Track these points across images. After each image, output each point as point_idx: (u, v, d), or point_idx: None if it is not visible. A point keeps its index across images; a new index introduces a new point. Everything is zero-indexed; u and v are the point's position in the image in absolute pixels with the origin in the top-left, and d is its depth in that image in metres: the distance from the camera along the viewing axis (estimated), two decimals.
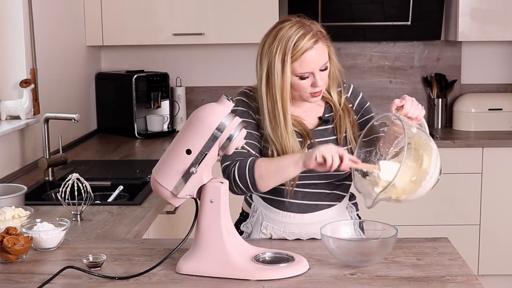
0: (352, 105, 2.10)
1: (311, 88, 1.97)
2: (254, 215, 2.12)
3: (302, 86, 1.96)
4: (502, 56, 4.37)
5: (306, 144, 2.02)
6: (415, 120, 1.92)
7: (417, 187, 1.80)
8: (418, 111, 1.91)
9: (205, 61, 4.39)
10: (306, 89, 1.97)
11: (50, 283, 1.66)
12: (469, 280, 1.67)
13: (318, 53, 1.93)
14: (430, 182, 1.81)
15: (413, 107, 1.90)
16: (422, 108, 1.94)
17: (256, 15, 3.92)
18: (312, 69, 1.94)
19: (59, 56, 3.66)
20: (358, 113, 2.10)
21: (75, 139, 3.86)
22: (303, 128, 2.04)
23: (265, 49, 1.96)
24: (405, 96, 1.92)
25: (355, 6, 4.12)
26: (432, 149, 1.82)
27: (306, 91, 1.98)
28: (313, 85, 1.96)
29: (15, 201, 2.20)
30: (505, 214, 3.91)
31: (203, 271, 1.71)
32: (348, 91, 2.12)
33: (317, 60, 1.94)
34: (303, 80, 1.95)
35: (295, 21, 1.96)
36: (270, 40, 1.95)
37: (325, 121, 2.07)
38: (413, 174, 1.80)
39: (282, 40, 1.92)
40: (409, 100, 1.91)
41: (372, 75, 4.42)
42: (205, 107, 1.68)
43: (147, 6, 4.00)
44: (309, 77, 1.95)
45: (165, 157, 1.70)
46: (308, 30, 1.93)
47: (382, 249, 1.76)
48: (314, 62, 1.93)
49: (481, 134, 4.05)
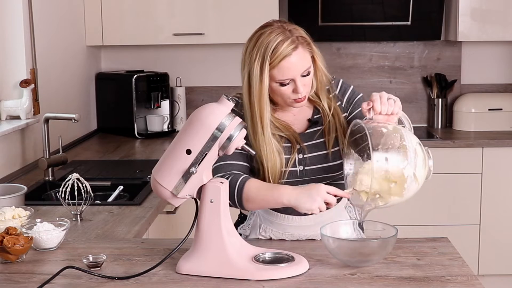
0: (341, 103, 2.06)
1: (293, 95, 1.93)
2: (252, 218, 2.12)
3: (284, 93, 1.93)
4: (502, 56, 4.37)
5: (295, 149, 2.00)
6: (391, 116, 1.84)
7: (401, 187, 1.75)
8: (390, 107, 1.83)
9: (205, 61, 4.39)
10: (288, 95, 1.94)
11: (50, 283, 1.66)
12: (469, 280, 1.67)
13: (298, 59, 1.89)
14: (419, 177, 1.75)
15: (383, 105, 1.83)
16: (394, 102, 1.84)
17: (256, 15, 3.91)
18: (292, 76, 1.90)
19: (59, 56, 3.67)
20: (346, 110, 2.06)
21: (75, 139, 3.86)
22: (291, 133, 2.01)
23: (246, 55, 1.93)
24: (372, 95, 1.86)
25: (355, 6, 4.12)
26: (407, 147, 1.74)
27: (289, 97, 1.94)
28: (294, 91, 1.93)
29: (15, 201, 2.20)
30: (505, 214, 3.91)
31: (203, 271, 1.71)
32: (336, 88, 2.07)
33: (297, 67, 1.90)
34: (283, 86, 1.92)
35: (276, 27, 1.91)
36: (250, 46, 1.92)
37: (314, 122, 2.04)
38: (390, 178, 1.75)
39: (261, 46, 1.89)
40: (376, 98, 1.84)
41: (372, 75, 4.42)
42: (205, 107, 1.68)
43: (147, 6, 4.00)
44: (290, 84, 1.92)
45: (165, 157, 1.70)
46: (288, 36, 1.89)
47: (382, 249, 1.76)
48: (293, 69, 1.89)
49: (481, 134, 4.05)
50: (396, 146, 1.74)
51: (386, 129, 1.78)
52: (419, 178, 1.76)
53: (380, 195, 1.76)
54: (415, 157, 1.75)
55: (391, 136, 1.76)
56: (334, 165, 2.02)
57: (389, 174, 1.74)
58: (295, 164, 2.00)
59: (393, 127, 1.80)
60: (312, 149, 2.01)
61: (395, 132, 1.78)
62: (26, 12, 3.18)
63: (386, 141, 1.75)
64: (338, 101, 2.06)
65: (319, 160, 2.01)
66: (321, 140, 2.03)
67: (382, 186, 1.75)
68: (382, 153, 1.74)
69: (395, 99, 1.86)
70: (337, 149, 2.02)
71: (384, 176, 1.74)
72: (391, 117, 1.85)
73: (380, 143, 1.75)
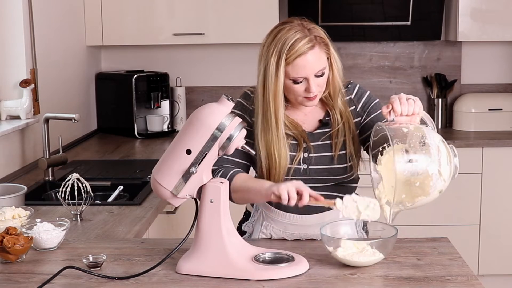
0: (355, 107, 2.06)
1: (305, 93, 1.94)
2: (256, 215, 2.12)
3: (296, 90, 1.94)
4: (502, 56, 4.37)
5: (301, 147, 2.00)
6: (413, 116, 1.81)
7: (427, 186, 1.72)
8: (410, 107, 1.81)
9: (205, 61, 4.39)
10: (300, 93, 1.95)
11: (50, 283, 1.66)
12: (469, 280, 1.67)
13: (313, 58, 1.90)
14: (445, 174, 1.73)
15: (403, 105, 1.80)
16: (414, 101, 1.81)
17: (256, 15, 3.92)
18: (306, 75, 1.91)
19: (59, 56, 3.66)
20: (361, 115, 2.05)
21: (75, 139, 3.86)
22: (298, 132, 2.02)
23: (264, 50, 1.94)
24: (391, 98, 1.83)
25: (355, 6, 4.12)
26: (429, 145, 1.72)
27: (300, 95, 1.95)
28: (306, 90, 1.93)
29: (15, 201, 2.20)
30: (505, 214, 3.91)
31: (203, 271, 1.71)
32: (352, 92, 2.07)
33: (311, 66, 1.90)
34: (296, 84, 1.93)
35: (296, 24, 1.93)
36: (269, 41, 1.94)
37: (325, 124, 2.04)
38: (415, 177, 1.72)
39: (279, 42, 1.90)
40: (395, 100, 1.81)
41: (372, 75, 4.42)
42: (205, 107, 1.68)
43: (147, 6, 4.00)
44: (302, 82, 1.93)
45: (165, 157, 1.70)
46: (306, 34, 1.90)
47: (382, 249, 1.76)
48: (308, 67, 1.90)
49: (481, 134, 4.05)
50: (418, 145, 1.72)
51: (407, 129, 1.75)
52: (444, 176, 1.73)
53: (406, 195, 1.73)
54: (438, 155, 1.72)
55: (412, 135, 1.74)
56: (339, 168, 2.01)
57: (414, 173, 1.71)
58: (299, 162, 2.00)
59: (415, 126, 1.77)
60: (318, 149, 2.02)
61: (417, 131, 1.75)
62: (26, 12, 3.18)
63: (409, 141, 1.73)
64: (352, 106, 2.06)
65: (324, 161, 2.01)
66: (328, 142, 2.02)
67: (406, 186, 1.71)
68: (405, 153, 1.71)
69: (414, 99, 1.82)
70: (343, 153, 2.01)
71: (408, 175, 1.71)
72: (413, 118, 1.81)
73: (403, 143, 1.72)
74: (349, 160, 2.01)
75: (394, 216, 1.78)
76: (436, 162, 1.72)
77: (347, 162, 2.01)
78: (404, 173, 1.70)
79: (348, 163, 2.02)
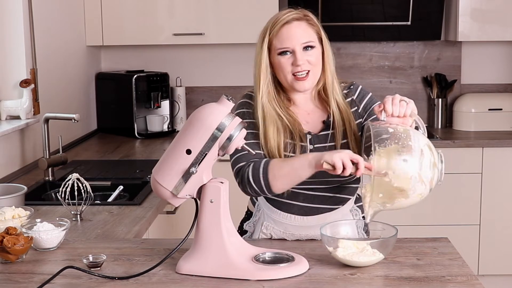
0: (357, 108, 2.05)
1: (292, 68, 1.93)
2: (257, 215, 2.12)
3: (283, 65, 1.93)
4: (502, 56, 4.37)
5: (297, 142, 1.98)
6: (405, 118, 1.81)
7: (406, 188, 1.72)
8: (402, 108, 1.80)
9: (205, 61, 4.39)
10: (287, 68, 1.93)
11: (50, 283, 1.66)
12: (469, 280, 1.67)
13: (298, 29, 1.91)
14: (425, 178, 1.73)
15: (394, 106, 1.80)
16: (407, 103, 1.81)
17: (256, 15, 3.92)
18: (291, 45, 1.91)
19: (59, 56, 3.67)
20: (361, 117, 2.04)
21: (75, 139, 3.86)
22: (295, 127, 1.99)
23: (258, 38, 1.98)
24: (385, 98, 1.83)
25: (355, 6, 4.12)
26: (412, 147, 1.71)
27: (289, 72, 1.94)
28: (294, 64, 1.92)
29: (15, 201, 2.20)
30: (505, 214, 3.91)
31: (203, 271, 1.71)
32: (354, 94, 2.06)
33: (296, 36, 1.90)
34: (283, 56, 1.93)
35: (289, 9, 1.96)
36: (263, 29, 1.98)
37: (328, 125, 2.02)
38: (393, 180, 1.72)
39: (269, 22, 1.95)
40: (388, 100, 1.81)
41: (372, 75, 4.42)
42: (205, 107, 1.68)
43: (147, 6, 4.00)
44: (288, 54, 1.92)
45: (165, 157, 1.70)
46: (293, 11, 1.93)
47: (382, 249, 1.76)
48: (293, 37, 1.90)
49: (481, 134, 4.05)
50: (399, 146, 1.72)
51: (393, 129, 1.75)
52: (425, 180, 1.72)
53: (384, 195, 1.74)
54: (420, 158, 1.71)
55: (396, 136, 1.73)
56: None
57: (392, 173, 1.71)
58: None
59: (404, 128, 1.77)
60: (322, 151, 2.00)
61: (404, 133, 1.75)
62: (26, 12, 3.18)
63: (391, 141, 1.72)
64: (355, 107, 2.05)
65: None
66: (332, 144, 2.02)
67: (383, 185, 1.72)
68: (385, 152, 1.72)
69: (408, 101, 1.82)
70: None
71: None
72: (405, 120, 1.81)
73: (383, 143, 1.73)
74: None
75: (373, 215, 1.79)
76: (417, 165, 1.71)
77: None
78: (382, 172, 1.71)
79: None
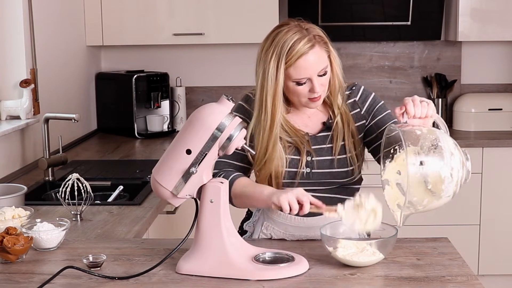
0: (360, 110, 2.04)
1: (309, 94, 1.93)
2: (257, 215, 2.12)
3: (300, 92, 1.93)
4: (502, 56, 4.37)
5: (303, 152, 1.99)
6: (426, 119, 1.79)
7: (439, 189, 1.71)
8: (424, 109, 1.78)
9: (205, 61, 4.39)
10: (304, 94, 1.93)
11: (50, 283, 1.66)
12: (469, 280, 1.67)
13: (314, 58, 1.89)
14: (457, 178, 1.71)
15: (416, 107, 1.78)
16: (427, 104, 1.79)
17: (256, 15, 3.92)
18: (309, 75, 1.90)
19: (59, 56, 3.67)
20: (364, 119, 2.04)
21: (75, 139, 3.86)
22: (299, 138, 2.00)
23: (262, 54, 1.93)
24: (404, 99, 1.81)
25: (355, 6, 4.12)
26: (443, 148, 1.70)
27: (305, 97, 1.94)
28: (311, 91, 1.92)
29: (15, 201, 2.20)
30: (505, 214, 3.91)
31: (203, 271, 1.71)
32: (357, 95, 2.06)
33: (313, 65, 1.89)
34: (300, 86, 1.92)
35: (293, 25, 1.91)
36: (267, 45, 1.92)
37: (328, 127, 2.02)
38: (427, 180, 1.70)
39: (278, 45, 1.89)
40: (409, 101, 1.78)
41: (372, 75, 4.42)
42: (205, 107, 1.68)
43: (147, 6, 4.00)
44: (306, 83, 1.91)
45: (165, 157, 1.70)
46: (305, 35, 1.89)
47: (382, 249, 1.76)
48: (310, 68, 1.89)
49: (481, 134, 4.05)
50: (431, 147, 1.70)
51: (420, 131, 1.73)
52: (456, 180, 1.71)
53: (417, 197, 1.71)
54: (451, 158, 1.70)
55: (425, 137, 1.72)
56: (340, 172, 2.01)
57: (426, 176, 1.69)
58: (302, 166, 1.99)
59: (428, 129, 1.75)
60: (320, 153, 2.01)
61: (430, 133, 1.73)
62: (26, 12, 3.18)
63: (422, 143, 1.70)
64: (357, 108, 2.04)
65: (326, 165, 2.01)
66: (330, 146, 2.02)
67: (418, 188, 1.70)
68: (417, 155, 1.69)
69: (427, 102, 1.80)
70: (344, 157, 2.00)
71: (420, 178, 1.69)
72: (426, 120, 1.80)
73: (415, 145, 1.70)
74: (350, 164, 2.01)
75: (405, 219, 1.76)
76: (449, 165, 1.70)
77: (348, 165, 2.01)
78: (416, 176, 1.68)
79: (350, 166, 2.01)
